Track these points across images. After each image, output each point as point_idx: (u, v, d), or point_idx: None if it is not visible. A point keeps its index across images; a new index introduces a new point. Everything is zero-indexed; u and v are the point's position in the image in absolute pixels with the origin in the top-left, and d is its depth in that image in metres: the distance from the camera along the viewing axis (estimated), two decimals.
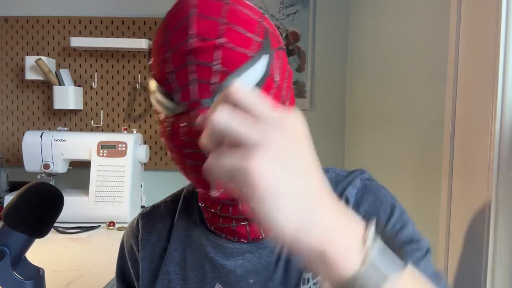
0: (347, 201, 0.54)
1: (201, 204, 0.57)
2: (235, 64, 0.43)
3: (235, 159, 0.29)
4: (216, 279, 0.53)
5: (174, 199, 0.62)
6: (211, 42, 0.43)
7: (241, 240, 0.53)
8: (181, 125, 0.45)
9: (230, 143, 0.30)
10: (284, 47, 0.50)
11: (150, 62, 0.49)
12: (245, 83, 0.43)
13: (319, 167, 0.32)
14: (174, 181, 1.90)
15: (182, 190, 0.63)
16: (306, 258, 0.31)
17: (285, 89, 0.49)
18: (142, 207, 1.74)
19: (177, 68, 0.44)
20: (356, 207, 0.54)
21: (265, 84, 0.45)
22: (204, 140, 0.31)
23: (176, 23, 0.45)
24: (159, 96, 0.47)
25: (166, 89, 0.46)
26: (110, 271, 1.17)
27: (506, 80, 0.62)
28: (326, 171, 0.58)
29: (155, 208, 0.62)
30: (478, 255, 0.67)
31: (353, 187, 0.55)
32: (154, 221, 0.60)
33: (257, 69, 0.45)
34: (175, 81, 0.44)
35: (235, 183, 0.29)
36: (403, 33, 1.16)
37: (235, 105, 0.31)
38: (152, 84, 0.47)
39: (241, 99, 0.31)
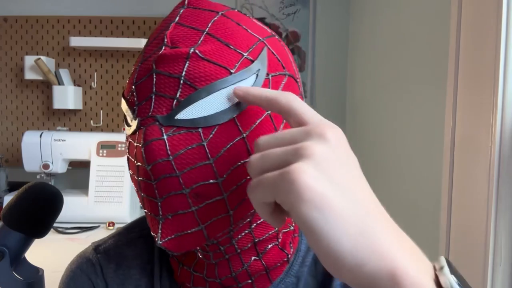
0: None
1: (170, 255, 0.46)
2: (206, 78, 0.35)
3: (278, 173, 0.27)
4: None
5: (142, 233, 0.49)
6: (182, 50, 0.35)
7: None
8: (135, 145, 0.37)
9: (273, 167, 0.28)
10: (294, 76, 0.41)
11: None
12: (217, 101, 0.35)
13: (364, 178, 0.29)
14: None
15: (142, 222, 0.50)
16: (367, 284, 0.26)
17: (285, 125, 0.39)
18: (142, 207, 1.73)
19: (141, 78, 0.37)
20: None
21: (248, 108, 0.36)
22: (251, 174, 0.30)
23: (156, 33, 0.39)
24: (124, 113, 0.40)
25: (129, 104, 0.38)
26: None
27: (506, 80, 0.62)
28: None
29: (121, 249, 0.48)
30: (479, 259, 0.67)
31: None
32: (127, 269, 0.47)
33: None
34: (137, 94, 0.37)
35: (283, 197, 0.27)
36: (403, 33, 1.16)
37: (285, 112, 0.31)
38: (122, 101, 0.40)
39: (290, 106, 0.31)
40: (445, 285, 0.26)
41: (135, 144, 0.37)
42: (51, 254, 1.25)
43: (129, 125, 0.38)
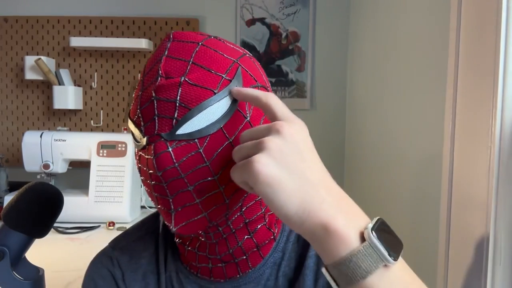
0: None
1: (177, 241, 0.57)
2: (196, 100, 0.45)
3: (244, 162, 0.39)
4: None
5: (149, 231, 0.61)
6: (175, 79, 0.45)
7: (218, 279, 0.54)
8: (146, 157, 0.46)
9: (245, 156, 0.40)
10: (265, 86, 0.51)
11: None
12: (207, 116, 0.45)
13: (319, 162, 0.40)
14: None
15: (153, 218, 0.62)
16: (309, 236, 0.38)
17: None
18: (142, 207, 1.74)
19: (144, 104, 0.47)
20: None
21: (232, 118, 0.46)
22: (233, 156, 0.42)
23: (150, 65, 0.48)
24: (132, 131, 0.49)
25: (136, 125, 0.48)
26: None
27: (506, 80, 0.62)
28: None
29: (133, 245, 0.59)
30: (478, 260, 0.67)
31: None
32: (138, 259, 0.58)
33: (221, 104, 0.46)
34: (142, 117, 0.47)
35: (247, 179, 0.38)
36: (403, 33, 1.16)
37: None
38: (129, 122, 0.50)
39: (267, 103, 0.42)
40: (366, 236, 0.36)
41: (147, 156, 0.46)
42: (51, 254, 1.25)
43: (138, 142, 0.48)
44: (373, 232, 0.36)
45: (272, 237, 0.55)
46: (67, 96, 1.78)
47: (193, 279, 0.55)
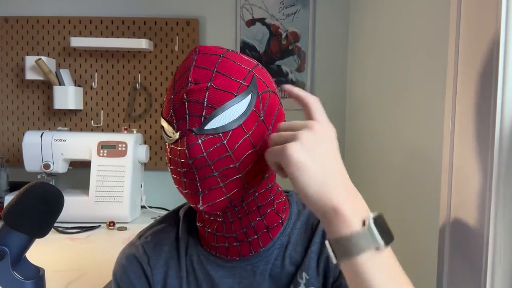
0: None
1: (199, 225, 0.67)
2: (220, 101, 0.55)
3: (281, 147, 0.49)
4: None
5: (170, 223, 0.71)
6: (202, 85, 0.55)
7: (234, 257, 0.64)
8: (178, 149, 0.56)
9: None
10: (275, 91, 0.63)
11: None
12: (229, 115, 0.55)
13: (339, 158, 0.50)
14: None
15: (173, 213, 0.73)
16: (321, 213, 0.47)
17: (274, 123, 0.60)
18: (142, 207, 1.74)
19: (176, 105, 0.57)
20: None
21: (249, 116, 0.57)
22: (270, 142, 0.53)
23: (180, 73, 0.58)
24: (164, 128, 0.59)
25: (169, 123, 0.58)
26: (110, 271, 1.17)
27: (506, 80, 0.62)
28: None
29: (156, 234, 0.70)
30: (478, 257, 0.67)
31: None
32: (161, 246, 0.68)
33: (241, 105, 0.56)
34: (175, 116, 0.57)
35: (281, 161, 0.48)
36: (403, 33, 1.16)
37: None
38: (161, 120, 0.60)
39: (299, 94, 0.54)
40: (366, 222, 0.46)
41: (179, 148, 0.56)
42: (51, 253, 1.25)
43: (170, 136, 0.58)
44: (372, 220, 0.46)
45: (280, 221, 0.65)
46: (68, 96, 1.78)
47: (212, 260, 0.65)
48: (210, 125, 0.55)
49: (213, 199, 0.56)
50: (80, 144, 1.62)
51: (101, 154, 1.60)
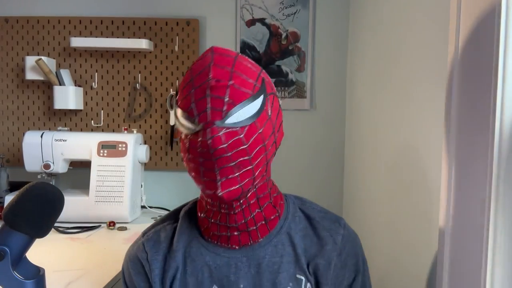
0: (335, 243, 0.71)
1: (202, 215, 0.71)
2: (239, 99, 0.61)
3: None
4: (213, 282, 0.69)
5: (171, 221, 0.76)
6: (224, 83, 0.61)
7: (234, 246, 0.69)
8: (198, 139, 0.61)
9: None
10: (275, 92, 0.70)
11: (177, 97, 0.67)
12: (246, 111, 0.61)
13: None
14: (174, 181, 1.90)
15: (174, 212, 0.78)
16: None
17: (276, 122, 0.67)
18: (143, 207, 1.74)
19: (198, 99, 0.61)
20: (340, 253, 0.71)
21: (261, 115, 0.63)
22: None
23: (199, 70, 0.63)
24: (183, 120, 0.63)
25: (189, 115, 0.62)
26: (110, 271, 1.18)
27: (506, 80, 0.62)
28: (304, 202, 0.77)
29: (157, 232, 0.75)
30: (477, 257, 0.67)
31: (338, 234, 0.73)
32: (160, 243, 0.73)
33: (255, 104, 0.62)
34: (196, 108, 0.61)
35: None
36: (402, 33, 1.16)
37: None
38: (178, 112, 0.64)
39: None
40: None
41: (199, 138, 0.60)
42: (52, 253, 1.25)
43: (188, 128, 0.63)
44: None
45: (277, 214, 0.71)
46: (68, 96, 1.78)
47: (211, 249, 0.70)
48: (230, 120, 0.60)
49: (229, 187, 0.61)
50: (80, 144, 1.62)
51: (101, 154, 1.60)
